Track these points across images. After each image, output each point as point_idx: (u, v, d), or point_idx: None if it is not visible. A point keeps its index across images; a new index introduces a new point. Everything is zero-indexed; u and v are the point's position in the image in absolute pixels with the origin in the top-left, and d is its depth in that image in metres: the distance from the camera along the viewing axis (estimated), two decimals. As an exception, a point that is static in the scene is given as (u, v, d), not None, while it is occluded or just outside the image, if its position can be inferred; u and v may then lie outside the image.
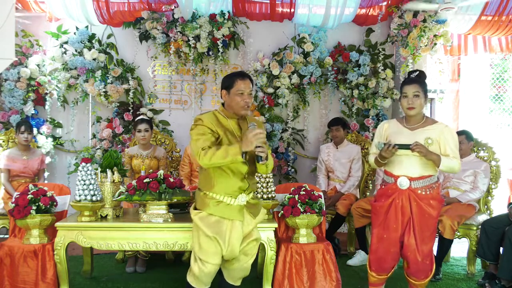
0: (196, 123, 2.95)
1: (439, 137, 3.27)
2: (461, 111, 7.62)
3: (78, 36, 5.83)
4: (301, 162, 6.29)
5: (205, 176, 2.99)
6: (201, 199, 3.01)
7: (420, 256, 3.33)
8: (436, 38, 5.81)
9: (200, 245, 2.98)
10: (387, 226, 3.38)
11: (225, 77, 3.05)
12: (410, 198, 3.29)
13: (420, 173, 3.28)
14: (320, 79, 6.10)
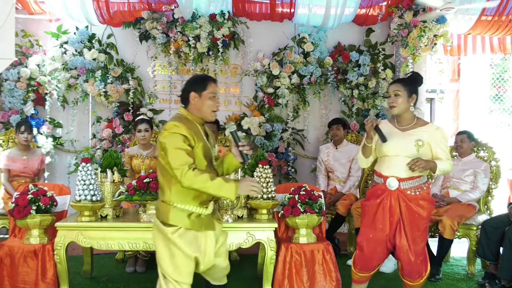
0: (172, 130, 2.63)
1: (430, 139, 3.25)
2: (461, 111, 7.63)
3: (78, 36, 5.83)
4: (301, 162, 6.29)
5: (178, 188, 2.66)
6: (173, 213, 2.69)
7: (413, 256, 3.31)
8: (436, 38, 5.80)
9: (176, 266, 2.70)
10: (374, 226, 3.37)
11: (195, 79, 2.86)
12: (399, 199, 3.27)
13: (409, 174, 3.25)
14: (320, 79, 6.10)
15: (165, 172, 2.67)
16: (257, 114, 6.08)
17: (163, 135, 2.66)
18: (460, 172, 4.96)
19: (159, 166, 2.72)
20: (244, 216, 3.91)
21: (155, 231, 2.76)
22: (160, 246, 2.71)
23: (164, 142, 2.64)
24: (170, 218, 2.69)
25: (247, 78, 6.24)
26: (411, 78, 3.38)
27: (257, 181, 2.74)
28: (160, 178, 2.75)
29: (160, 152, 2.68)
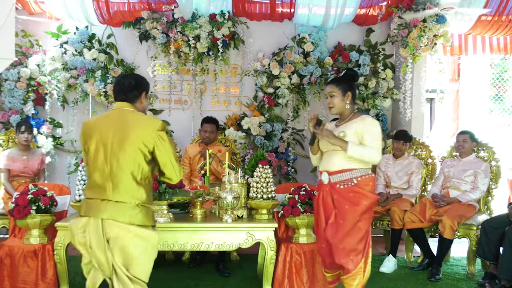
0: (167, 131, 2.78)
1: (362, 128, 3.25)
2: (461, 111, 7.63)
3: (78, 36, 5.83)
4: (301, 162, 6.29)
5: (149, 190, 2.72)
6: (149, 214, 2.69)
7: (336, 249, 3.22)
8: (436, 38, 5.80)
9: (151, 267, 2.70)
10: (315, 221, 3.45)
11: (145, 80, 2.90)
12: (332, 193, 3.26)
13: (339, 167, 3.25)
14: (320, 79, 6.10)
15: (144, 173, 2.64)
16: (257, 114, 6.08)
17: (161, 137, 2.64)
18: (460, 172, 4.96)
19: (137, 168, 2.60)
20: (244, 216, 3.92)
21: (135, 239, 2.58)
22: (141, 252, 2.61)
23: (164, 144, 2.65)
24: (149, 220, 2.68)
25: (247, 78, 6.24)
26: (344, 76, 3.42)
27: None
28: (134, 181, 2.61)
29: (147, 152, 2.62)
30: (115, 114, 2.71)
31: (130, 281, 2.56)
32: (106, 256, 2.54)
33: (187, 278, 4.41)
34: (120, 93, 2.76)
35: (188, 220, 3.81)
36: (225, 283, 4.34)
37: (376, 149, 3.23)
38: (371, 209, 3.31)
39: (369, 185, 3.27)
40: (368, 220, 3.28)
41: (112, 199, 2.56)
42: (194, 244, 3.63)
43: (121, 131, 2.60)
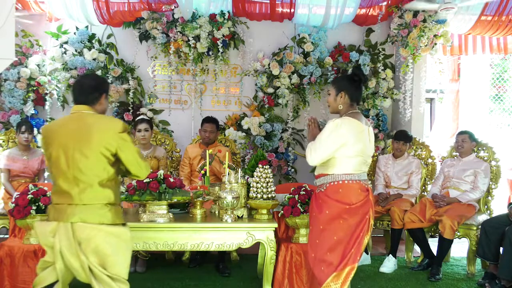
0: (128, 131, 2.75)
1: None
2: (461, 111, 7.64)
3: (78, 36, 5.83)
4: (301, 162, 6.28)
5: (116, 189, 2.72)
6: (118, 213, 2.70)
7: (309, 259, 3.10)
8: (436, 38, 5.80)
9: (128, 264, 2.69)
10: None
11: (105, 80, 2.93)
12: (316, 197, 3.19)
13: (317, 172, 3.20)
14: (320, 79, 6.10)
15: (110, 175, 2.63)
16: (257, 114, 6.08)
17: (123, 139, 2.64)
18: (460, 172, 4.96)
19: (102, 172, 2.60)
20: (244, 216, 3.91)
21: (107, 238, 2.57)
22: (115, 250, 2.60)
23: (128, 144, 2.67)
24: (121, 218, 2.70)
25: (247, 78, 6.24)
26: (344, 76, 3.38)
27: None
28: (100, 185, 2.61)
29: (110, 156, 2.61)
30: (74, 118, 2.69)
31: (111, 280, 2.57)
32: (80, 260, 2.53)
33: (187, 278, 4.41)
34: (81, 95, 2.73)
35: (188, 220, 3.81)
36: (225, 283, 4.34)
37: (312, 149, 3.08)
38: (338, 219, 2.98)
39: (339, 193, 3.01)
40: (336, 231, 2.98)
41: (79, 203, 2.56)
42: (194, 244, 3.63)
43: (81, 136, 2.59)
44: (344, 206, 2.99)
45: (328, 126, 3.02)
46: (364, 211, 3.02)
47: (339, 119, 3.02)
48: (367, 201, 3.04)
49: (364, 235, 3.03)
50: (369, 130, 3.15)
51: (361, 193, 3.02)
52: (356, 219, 3.00)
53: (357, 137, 3.00)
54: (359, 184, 3.03)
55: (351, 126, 3.00)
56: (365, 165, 3.12)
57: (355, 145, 2.99)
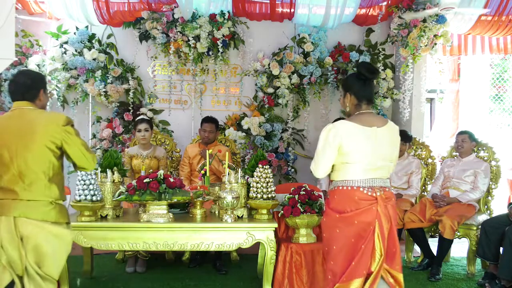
0: (72, 124, 2.71)
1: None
2: (461, 111, 7.63)
3: (78, 36, 5.83)
4: (301, 162, 6.29)
5: (61, 187, 2.70)
6: (63, 211, 2.68)
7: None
8: (436, 38, 5.80)
9: (62, 266, 2.72)
10: None
11: (41, 76, 2.90)
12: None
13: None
14: (320, 79, 6.10)
15: (55, 169, 2.64)
16: (257, 114, 6.08)
17: (67, 132, 2.64)
18: (460, 172, 4.96)
19: (48, 166, 2.60)
20: (244, 216, 3.92)
21: (48, 237, 2.57)
22: (54, 250, 2.60)
23: (75, 137, 2.67)
24: (65, 216, 2.68)
25: (247, 78, 6.24)
26: (350, 74, 3.02)
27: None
28: (46, 179, 2.60)
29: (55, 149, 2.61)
30: (16, 114, 2.68)
31: (41, 278, 2.57)
32: (19, 253, 2.53)
33: (187, 278, 4.41)
34: (17, 94, 2.72)
35: (188, 220, 3.81)
36: (225, 283, 4.34)
37: (314, 162, 2.86)
38: (334, 228, 2.78)
39: (333, 200, 2.83)
40: (334, 241, 2.78)
41: (23, 198, 2.56)
42: (194, 244, 3.63)
43: (25, 132, 2.59)
44: (335, 214, 2.77)
45: (321, 135, 2.82)
46: (364, 221, 2.71)
47: (331, 124, 2.82)
48: (368, 210, 2.72)
49: (369, 248, 2.70)
50: (381, 132, 2.79)
51: (359, 201, 2.72)
52: (352, 229, 2.72)
53: (353, 141, 2.74)
54: (358, 191, 2.74)
55: (345, 129, 2.76)
56: (374, 171, 2.77)
57: (352, 151, 2.73)
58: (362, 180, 2.76)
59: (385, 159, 2.81)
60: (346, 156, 2.76)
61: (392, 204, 2.81)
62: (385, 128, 2.82)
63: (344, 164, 2.78)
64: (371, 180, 2.78)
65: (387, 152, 2.82)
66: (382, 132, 2.80)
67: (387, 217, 2.73)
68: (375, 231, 2.70)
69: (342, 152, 2.76)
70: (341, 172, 2.81)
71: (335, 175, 2.86)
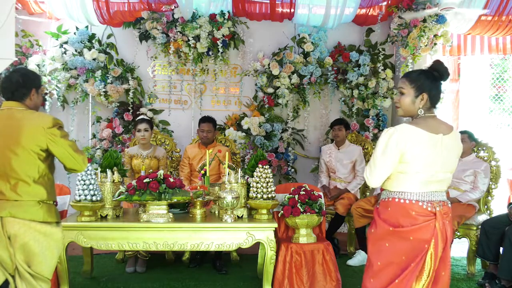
0: (61, 125, 2.68)
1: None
2: (461, 111, 7.62)
3: (78, 36, 5.83)
4: (301, 162, 6.29)
5: (50, 186, 2.68)
6: (51, 211, 2.65)
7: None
8: (436, 38, 5.81)
9: (55, 264, 2.72)
10: None
11: (34, 75, 2.82)
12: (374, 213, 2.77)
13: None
14: (320, 79, 6.10)
15: (41, 171, 2.61)
16: (257, 114, 6.08)
17: (53, 134, 2.60)
18: (460, 172, 4.95)
19: (33, 168, 2.58)
20: (244, 216, 3.92)
21: (36, 236, 2.56)
22: (43, 249, 2.59)
23: (62, 140, 2.62)
24: (54, 216, 2.66)
25: (247, 78, 6.24)
26: (425, 71, 2.58)
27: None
28: (32, 181, 2.58)
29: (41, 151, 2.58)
30: (3, 115, 2.66)
31: (32, 278, 2.56)
32: (8, 253, 2.53)
33: (187, 278, 4.41)
34: (7, 92, 2.68)
35: (188, 220, 3.81)
36: (225, 283, 4.34)
37: (369, 168, 2.57)
38: (384, 241, 2.52)
39: (387, 211, 2.53)
40: (380, 256, 2.53)
41: (10, 198, 2.55)
42: (194, 244, 3.63)
43: (11, 133, 2.57)
44: (388, 227, 2.50)
45: (381, 139, 2.50)
46: (420, 238, 2.44)
47: (393, 127, 2.49)
48: (426, 227, 2.45)
49: (418, 268, 2.46)
50: (447, 140, 2.49)
51: (416, 216, 2.45)
52: (406, 246, 2.46)
53: (418, 149, 2.43)
54: (417, 205, 2.46)
55: (410, 135, 2.45)
56: (434, 184, 2.51)
57: (414, 160, 2.44)
58: (421, 194, 2.48)
59: (447, 170, 2.54)
60: (406, 165, 2.47)
61: (450, 220, 2.57)
62: (451, 135, 2.52)
63: (401, 173, 2.49)
64: (431, 193, 2.50)
65: (451, 163, 2.55)
66: (447, 140, 2.50)
67: (443, 235, 2.49)
68: (430, 249, 2.45)
69: (402, 161, 2.46)
70: (396, 182, 2.52)
71: (389, 184, 2.56)
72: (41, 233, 2.58)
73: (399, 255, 2.47)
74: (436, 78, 2.53)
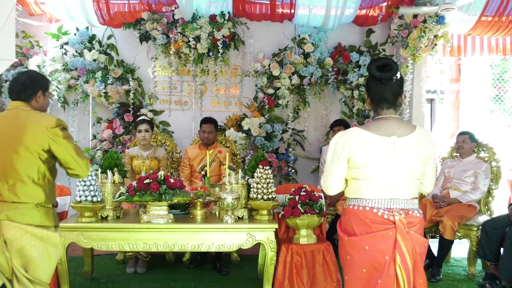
0: (65, 127, 2.67)
1: None
2: (461, 112, 7.63)
3: (78, 37, 5.83)
4: (302, 163, 6.29)
5: (49, 189, 2.65)
6: (49, 215, 2.63)
7: None
8: (436, 39, 5.80)
9: (52, 268, 2.68)
10: None
11: (42, 77, 2.85)
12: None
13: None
14: (320, 79, 6.10)
15: (41, 173, 2.59)
16: (257, 115, 6.08)
17: (57, 134, 2.59)
18: (460, 172, 4.96)
19: (33, 168, 2.56)
20: (244, 216, 3.92)
21: (32, 240, 2.54)
22: (40, 253, 2.57)
23: (65, 141, 2.61)
24: (51, 220, 2.64)
25: (247, 79, 6.24)
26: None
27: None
28: (31, 181, 2.56)
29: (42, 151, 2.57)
30: (9, 114, 2.67)
31: (30, 282, 2.54)
32: (5, 257, 2.51)
33: (188, 279, 4.41)
34: (13, 92, 2.71)
35: (189, 221, 3.81)
36: (225, 283, 4.34)
37: (323, 176, 2.48)
38: (345, 254, 2.38)
39: (344, 220, 2.42)
40: (346, 271, 2.41)
41: (8, 200, 2.52)
42: (195, 245, 3.63)
43: (13, 132, 2.57)
44: (344, 236, 2.38)
45: (330, 144, 2.42)
46: (377, 248, 2.26)
47: (343, 131, 2.40)
48: (383, 236, 2.27)
49: (389, 284, 2.26)
50: (402, 142, 2.31)
51: (370, 224, 2.29)
52: (363, 257, 2.29)
53: (366, 153, 2.30)
54: (371, 212, 2.29)
55: (356, 138, 2.32)
56: (393, 190, 2.31)
57: (364, 165, 2.31)
58: (377, 200, 2.31)
59: (407, 176, 2.32)
60: (356, 171, 2.34)
61: (417, 230, 2.35)
62: (409, 137, 2.32)
63: (355, 179, 2.37)
64: (390, 200, 2.31)
65: (411, 168, 2.32)
66: (403, 142, 2.31)
67: (410, 246, 2.27)
68: (396, 263, 2.25)
69: (352, 166, 2.34)
70: (353, 189, 2.39)
71: (347, 191, 2.44)
72: (37, 238, 2.55)
73: (360, 268, 2.31)
74: (371, 76, 2.39)
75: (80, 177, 2.73)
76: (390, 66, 2.34)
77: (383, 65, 2.34)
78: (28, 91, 2.69)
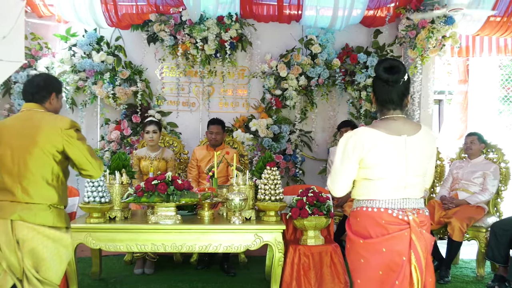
0: (79, 128, 2.69)
1: None
2: (469, 113, 7.59)
3: (86, 39, 5.86)
4: (309, 164, 6.28)
5: (62, 191, 2.71)
6: (61, 216, 2.66)
7: None
8: (444, 40, 5.77)
9: (62, 270, 2.69)
10: None
11: (56, 80, 2.89)
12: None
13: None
14: (327, 80, 6.09)
15: (55, 174, 2.62)
16: (265, 116, 6.08)
17: (71, 136, 2.60)
18: (469, 174, 4.94)
19: (47, 169, 2.59)
20: (252, 218, 3.92)
21: (44, 241, 2.55)
22: (52, 254, 2.58)
23: (80, 143, 2.63)
24: (63, 221, 2.66)
25: (255, 80, 6.24)
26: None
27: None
28: (45, 182, 2.59)
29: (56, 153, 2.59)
30: (23, 116, 2.70)
31: (40, 283, 2.55)
32: (17, 257, 2.52)
33: (195, 280, 4.42)
34: (27, 94, 2.74)
35: (196, 222, 3.82)
36: (233, 284, 4.34)
37: (330, 177, 2.44)
38: (358, 257, 2.34)
39: (356, 223, 2.37)
40: (358, 273, 2.36)
41: (21, 201, 2.54)
42: (202, 246, 3.64)
43: (27, 134, 2.58)
44: (358, 239, 2.33)
45: (339, 144, 2.39)
46: (394, 249, 2.24)
47: (352, 131, 2.39)
48: (399, 237, 2.25)
49: (405, 285, 2.25)
50: (412, 141, 2.32)
51: (386, 225, 2.26)
52: (380, 259, 2.27)
53: (379, 153, 2.28)
54: (386, 213, 2.27)
55: (367, 138, 2.30)
56: (405, 189, 2.31)
57: (377, 165, 2.29)
58: (391, 201, 2.30)
59: (417, 174, 2.34)
60: (368, 171, 2.31)
61: (427, 229, 2.34)
62: (417, 136, 2.34)
63: (366, 180, 2.34)
64: (402, 200, 2.31)
65: (420, 166, 2.34)
66: (413, 141, 2.32)
67: (423, 246, 2.26)
68: (411, 263, 2.24)
69: (363, 166, 2.31)
70: (364, 190, 2.36)
71: (357, 193, 2.41)
72: (49, 239, 2.57)
73: (375, 270, 2.27)
74: (378, 77, 2.40)
75: (93, 178, 2.76)
76: (397, 68, 2.35)
77: (390, 66, 2.35)
78: (42, 93, 2.73)
